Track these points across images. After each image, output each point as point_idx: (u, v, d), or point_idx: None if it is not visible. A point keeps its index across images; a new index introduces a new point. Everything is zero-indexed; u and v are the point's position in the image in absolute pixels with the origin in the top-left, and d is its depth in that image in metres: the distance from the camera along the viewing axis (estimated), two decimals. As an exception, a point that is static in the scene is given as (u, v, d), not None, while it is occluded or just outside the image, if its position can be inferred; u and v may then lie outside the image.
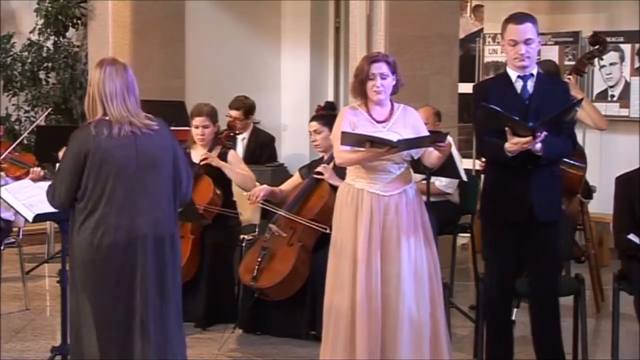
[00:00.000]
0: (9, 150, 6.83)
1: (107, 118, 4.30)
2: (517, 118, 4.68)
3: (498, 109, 4.68)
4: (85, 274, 4.33)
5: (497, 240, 4.99)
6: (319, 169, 6.09)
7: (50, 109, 9.55)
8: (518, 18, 4.88)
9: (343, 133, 4.76)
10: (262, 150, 8.44)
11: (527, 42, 4.82)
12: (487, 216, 5.07)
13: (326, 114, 6.45)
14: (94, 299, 4.31)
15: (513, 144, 4.69)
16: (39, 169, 6.69)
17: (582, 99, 5.17)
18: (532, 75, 4.90)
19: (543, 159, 4.76)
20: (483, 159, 5.46)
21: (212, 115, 6.65)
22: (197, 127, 6.60)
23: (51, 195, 4.43)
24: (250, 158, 8.05)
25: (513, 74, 4.91)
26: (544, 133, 4.65)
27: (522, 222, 4.87)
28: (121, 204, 4.29)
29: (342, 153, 4.86)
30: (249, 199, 6.30)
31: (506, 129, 4.68)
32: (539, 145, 4.68)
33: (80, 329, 4.37)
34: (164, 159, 4.39)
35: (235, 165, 6.60)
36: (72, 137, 4.39)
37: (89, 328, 4.33)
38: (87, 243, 4.28)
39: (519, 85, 4.89)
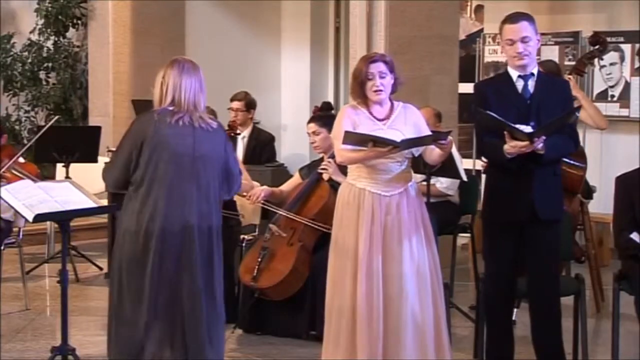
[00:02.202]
0: (13, 160, 6.80)
1: (171, 108, 4.42)
2: (514, 125, 4.67)
3: (495, 115, 4.68)
4: (129, 261, 4.38)
5: (496, 240, 4.99)
6: (323, 164, 6.08)
7: (52, 112, 9.54)
8: (513, 18, 4.88)
9: (346, 132, 4.74)
10: (262, 150, 8.43)
11: (523, 40, 4.81)
12: (489, 215, 5.06)
13: (324, 115, 6.43)
14: (136, 288, 4.36)
15: (511, 146, 4.69)
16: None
17: (580, 106, 5.16)
18: (532, 74, 4.89)
19: (545, 158, 4.75)
20: (485, 159, 5.45)
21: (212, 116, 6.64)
22: (197, 126, 6.58)
23: (105, 173, 4.54)
24: (250, 157, 8.05)
25: (514, 74, 4.90)
26: (542, 138, 4.65)
27: (524, 221, 4.87)
28: (173, 192, 4.39)
29: (344, 152, 4.84)
30: (248, 199, 6.30)
31: (505, 132, 4.69)
32: (540, 145, 4.68)
33: (119, 324, 4.44)
34: (216, 156, 4.51)
35: None
36: (134, 120, 4.57)
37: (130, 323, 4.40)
38: (135, 226, 4.36)
39: (520, 84, 4.88)
